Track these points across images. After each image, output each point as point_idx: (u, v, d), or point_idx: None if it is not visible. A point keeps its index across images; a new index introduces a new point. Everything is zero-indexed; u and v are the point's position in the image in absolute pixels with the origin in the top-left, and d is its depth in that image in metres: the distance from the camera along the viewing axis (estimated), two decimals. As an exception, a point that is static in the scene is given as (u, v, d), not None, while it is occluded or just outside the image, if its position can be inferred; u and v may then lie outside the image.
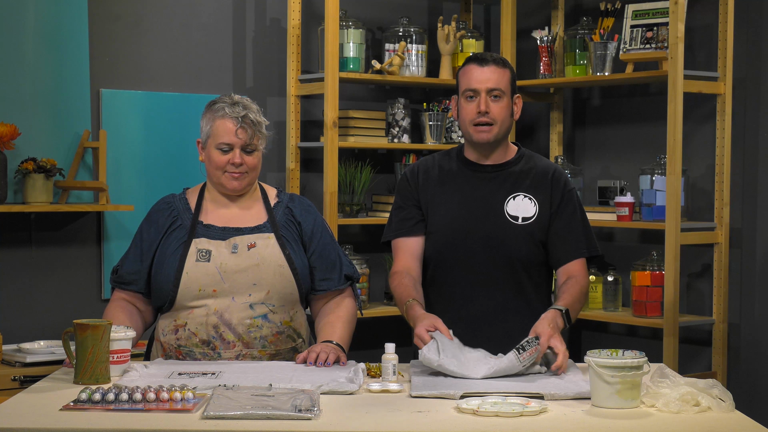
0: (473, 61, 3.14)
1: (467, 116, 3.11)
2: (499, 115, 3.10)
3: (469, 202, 3.16)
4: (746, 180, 4.58)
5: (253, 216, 3.13)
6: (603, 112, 5.20)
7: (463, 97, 3.12)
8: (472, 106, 3.10)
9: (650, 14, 4.59)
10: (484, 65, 3.10)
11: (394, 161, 5.11)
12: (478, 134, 3.11)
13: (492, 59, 3.12)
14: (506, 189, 3.16)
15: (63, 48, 4.29)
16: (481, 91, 3.09)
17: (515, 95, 3.16)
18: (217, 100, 3.11)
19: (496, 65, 3.11)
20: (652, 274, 4.58)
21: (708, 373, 4.54)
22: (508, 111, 3.12)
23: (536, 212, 3.14)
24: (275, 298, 3.04)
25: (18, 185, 4.17)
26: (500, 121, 3.10)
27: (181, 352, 3.02)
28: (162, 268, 3.05)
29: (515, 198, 3.15)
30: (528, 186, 3.16)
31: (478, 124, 3.09)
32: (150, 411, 2.37)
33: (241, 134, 3.05)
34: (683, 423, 2.33)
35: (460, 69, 3.17)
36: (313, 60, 4.93)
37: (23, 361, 3.89)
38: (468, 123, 3.12)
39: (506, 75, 3.11)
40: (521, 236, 3.12)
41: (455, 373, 2.69)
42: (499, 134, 3.12)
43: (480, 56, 3.14)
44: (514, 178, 3.17)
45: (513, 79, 3.15)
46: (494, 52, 5.33)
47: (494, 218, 3.13)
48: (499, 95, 3.09)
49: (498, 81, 3.09)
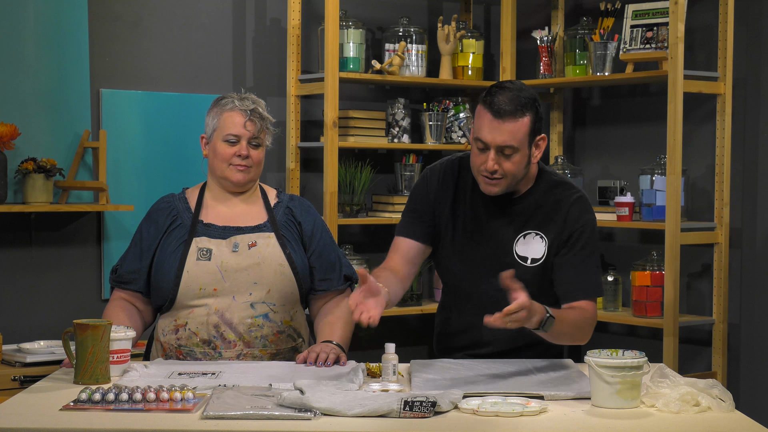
0: (488, 107, 2.83)
1: (476, 165, 2.89)
2: (510, 170, 2.86)
3: (477, 237, 3.00)
4: (746, 180, 4.58)
5: (254, 215, 3.14)
6: (603, 112, 5.20)
7: (474, 143, 2.88)
8: (482, 158, 2.86)
9: (650, 14, 4.59)
10: (497, 118, 2.81)
11: (394, 161, 5.10)
12: (485, 186, 2.91)
13: (509, 110, 2.81)
14: (517, 225, 2.98)
15: (63, 48, 4.29)
16: (492, 147, 2.84)
17: (538, 137, 2.88)
18: (225, 96, 3.15)
19: (514, 117, 2.81)
20: (652, 274, 4.58)
21: (708, 373, 4.54)
22: (522, 163, 2.86)
23: (545, 252, 2.96)
24: (276, 297, 3.05)
25: (18, 185, 4.17)
26: (511, 176, 2.87)
27: (182, 352, 3.02)
28: (162, 267, 3.05)
29: (525, 237, 2.97)
30: (540, 222, 2.97)
31: (486, 177, 2.88)
32: (150, 411, 2.37)
33: (250, 126, 3.07)
34: (683, 423, 2.33)
35: (477, 107, 2.88)
36: (313, 60, 4.93)
37: (23, 361, 3.89)
38: (477, 172, 2.91)
39: (524, 126, 2.83)
40: (530, 278, 2.90)
41: (322, 410, 2.36)
42: (509, 186, 2.91)
43: (496, 104, 2.81)
44: (527, 212, 2.98)
45: (534, 125, 2.85)
46: (494, 52, 5.33)
47: (503, 257, 2.96)
48: (511, 153, 2.84)
49: (512, 137, 2.82)
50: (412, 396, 2.37)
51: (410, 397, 2.36)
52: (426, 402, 2.34)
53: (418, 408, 2.33)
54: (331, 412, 2.34)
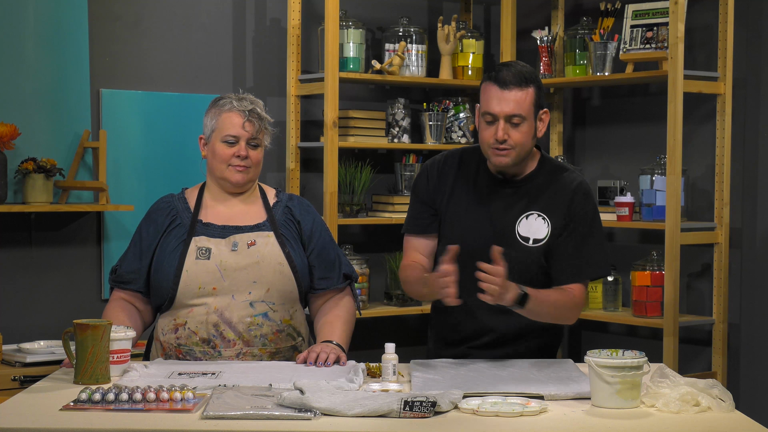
0: (494, 81, 2.94)
1: (486, 139, 2.96)
2: (519, 140, 2.94)
3: (480, 218, 3.05)
4: (746, 180, 4.58)
5: (253, 215, 3.14)
6: (603, 112, 5.20)
7: (482, 117, 2.97)
8: (491, 130, 2.94)
9: (650, 14, 4.59)
10: (504, 88, 2.92)
11: (394, 161, 5.10)
12: (496, 158, 2.97)
13: (514, 81, 2.92)
14: (520, 206, 3.03)
15: (63, 48, 4.29)
16: (500, 118, 2.93)
17: (541, 111, 2.99)
18: (223, 96, 3.15)
19: (519, 87, 2.92)
20: (652, 274, 4.58)
21: (708, 373, 4.54)
22: (529, 134, 2.95)
23: (548, 233, 3.01)
24: (275, 296, 3.05)
25: (18, 185, 4.17)
26: (520, 146, 2.95)
27: (181, 351, 3.02)
28: (162, 266, 3.05)
29: (528, 217, 3.02)
30: (543, 204, 3.03)
31: (497, 148, 2.95)
32: (150, 411, 2.37)
33: (248, 127, 3.08)
34: (683, 423, 2.33)
35: (481, 84, 2.99)
36: (313, 60, 4.93)
37: (23, 361, 3.89)
38: (486, 146, 2.98)
39: (529, 96, 2.93)
40: (531, 259, 3.00)
41: (322, 410, 2.36)
42: (518, 157, 2.97)
43: (502, 77, 2.93)
44: (531, 194, 3.04)
45: (538, 96, 2.95)
46: (494, 52, 5.34)
47: (504, 238, 2.99)
48: (519, 122, 2.93)
49: (519, 106, 2.92)
50: (412, 396, 2.38)
51: (410, 397, 2.36)
52: (426, 402, 2.34)
53: (418, 408, 2.34)
54: (331, 412, 2.34)
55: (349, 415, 2.33)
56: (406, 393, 2.47)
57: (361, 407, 2.34)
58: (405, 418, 2.33)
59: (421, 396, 2.38)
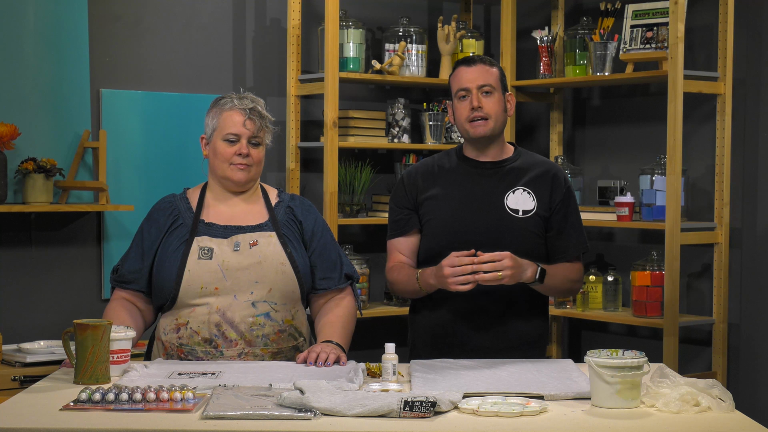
0: (461, 63, 3.25)
1: (462, 115, 3.21)
2: (492, 109, 3.19)
3: (469, 197, 3.23)
4: (746, 180, 4.58)
5: (255, 215, 3.14)
6: (603, 112, 5.21)
7: (456, 97, 3.22)
8: (465, 103, 3.20)
9: (650, 14, 4.59)
10: (472, 65, 3.21)
11: (394, 161, 5.11)
12: (474, 129, 3.19)
13: (479, 59, 3.23)
14: (506, 184, 3.23)
15: (63, 48, 4.29)
16: (472, 89, 3.18)
17: (507, 93, 3.25)
18: (224, 96, 3.16)
19: (483, 64, 3.22)
20: (652, 274, 4.58)
21: (708, 373, 4.54)
22: (501, 106, 3.21)
23: (535, 206, 3.21)
24: (277, 296, 3.05)
25: (18, 185, 4.17)
26: (494, 115, 3.19)
27: (183, 351, 3.02)
28: (163, 266, 3.06)
29: (515, 192, 3.23)
30: (527, 181, 3.23)
31: (474, 120, 3.18)
32: (150, 411, 2.37)
33: (249, 125, 3.08)
34: (683, 423, 2.33)
35: (450, 75, 3.26)
36: (313, 60, 4.93)
37: (23, 361, 3.89)
38: (464, 120, 3.21)
39: (494, 72, 3.21)
40: (522, 229, 3.19)
41: (322, 410, 2.36)
42: (495, 128, 3.20)
43: (467, 58, 3.26)
44: (513, 173, 3.25)
45: (502, 77, 3.24)
46: (494, 52, 5.34)
47: (495, 211, 3.20)
48: (490, 91, 3.19)
49: (487, 78, 3.19)
50: (412, 396, 2.38)
51: (410, 397, 2.36)
52: (426, 402, 2.34)
53: (418, 408, 2.34)
54: (331, 412, 2.34)
55: (349, 415, 2.33)
56: (406, 393, 2.47)
57: (361, 407, 2.35)
58: (405, 418, 2.33)
59: (421, 396, 2.38)
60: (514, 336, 3.22)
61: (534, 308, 3.25)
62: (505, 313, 3.20)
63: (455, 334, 3.21)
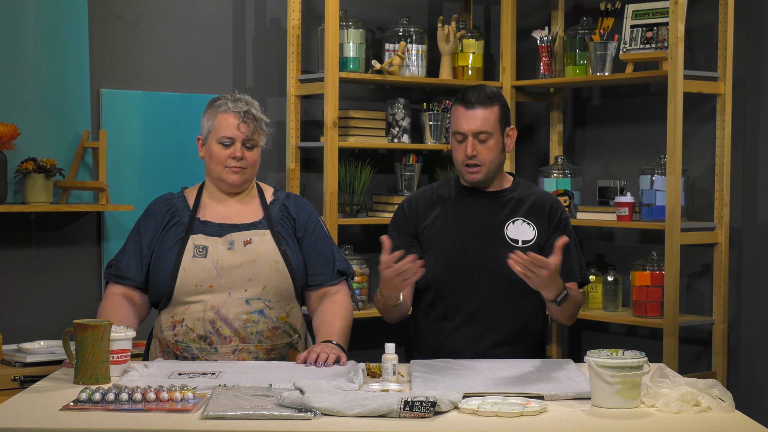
0: (460, 102, 3.20)
1: (458, 157, 3.22)
2: (487, 156, 3.19)
3: (469, 225, 3.24)
4: (746, 180, 4.58)
5: (250, 213, 3.16)
6: (603, 112, 5.21)
7: (454, 138, 3.22)
8: (462, 148, 3.20)
9: (650, 14, 4.59)
10: (470, 108, 3.18)
11: (394, 161, 5.10)
12: (468, 175, 3.22)
13: (478, 100, 3.17)
14: (505, 214, 3.25)
15: (63, 48, 4.29)
16: (468, 135, 3.18)
17: (508, 128, 3.24)
18: (219, 97, 3.17)
19: (483, 106, 3.17)
20: (652, 274, 4.58)
21: (708, 373, 4.54)
22: (497, 150, 3.20)
23: (535, 236, 3.22)
24: (271, 293, 3.07)
25: (18, 185, 4.17)
26: (488, 162, 3.19)
27: (179, 348, 3.04)
28: (159, 263, 3.08)
29: (514, 222, 3.24)
30: (526, 212, 3.25)
31: (468, 165, 3.19)
32: (150, 411, 2.37)
33: (243, 128, 3.09)
34: (683, 423, 2.33)
35: (450, 108, 3.26)
36: (313, 60, 4.93)
37: (23, 361, 3.89)
38: (459, 164, 3.23)
39: (493, 114, 3.18)
40: None
41: (322, 410, 2.36)
42: (488, 173, 3.22)
43: (467, 97, 3.19)
44: (512, 204, 3.27)
45: (503, 114, 3.21)
46: (494, 52, 5.34)
47: (495, 240, 3.21)
48: (485, 138, 3.18)
49: (484, 123, 3.17)
50: (412, 396, 2.38)
51: (410, 397, 2.37)
52: (426, 402, 2.35)
53: (418, 408, 2.34)
54: (331, 412, 2.34)
55: (349, 415, 2.33)
56: (406, 393, 2.47)
57: (361, 407, 2.35)
58: (405, 418, 2.33)
59: (421, 396, 2.38)
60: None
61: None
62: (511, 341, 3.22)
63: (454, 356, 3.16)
